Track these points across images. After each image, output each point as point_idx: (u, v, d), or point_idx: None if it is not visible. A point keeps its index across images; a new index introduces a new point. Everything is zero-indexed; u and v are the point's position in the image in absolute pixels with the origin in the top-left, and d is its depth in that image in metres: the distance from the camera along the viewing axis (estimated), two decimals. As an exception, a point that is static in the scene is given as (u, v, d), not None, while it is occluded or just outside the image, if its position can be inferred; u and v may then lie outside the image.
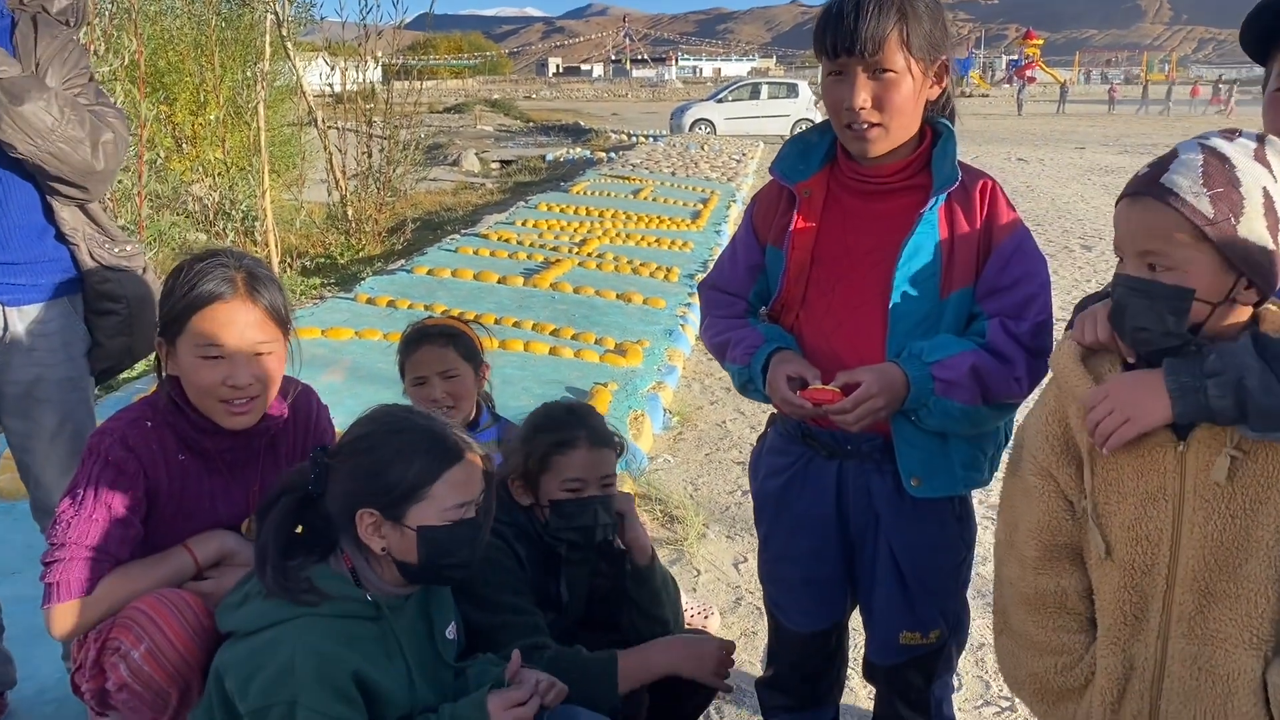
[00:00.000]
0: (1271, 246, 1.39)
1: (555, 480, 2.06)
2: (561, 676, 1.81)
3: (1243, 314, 1.44)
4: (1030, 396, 1.85)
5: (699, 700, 2.28)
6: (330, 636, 1.63)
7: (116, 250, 2.32)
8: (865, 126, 1.80)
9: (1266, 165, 1.40)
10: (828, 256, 1.94)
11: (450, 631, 1.87)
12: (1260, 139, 1.43)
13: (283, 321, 1.89)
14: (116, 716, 2.11)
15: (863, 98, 1.77)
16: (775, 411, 2.12)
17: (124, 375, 4.36)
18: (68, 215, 2.24)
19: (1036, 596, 1.62)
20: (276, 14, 9.36)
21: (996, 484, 1.96)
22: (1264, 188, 1.38)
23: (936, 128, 1.89)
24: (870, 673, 2.16)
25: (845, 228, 1.93)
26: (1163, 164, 1.43)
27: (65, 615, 1.77)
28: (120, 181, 6.58)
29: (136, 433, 1.84)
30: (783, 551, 2.11)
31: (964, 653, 2.61)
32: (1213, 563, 1.43)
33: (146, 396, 1.93)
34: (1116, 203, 1.49)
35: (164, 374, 1.89)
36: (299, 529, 1.74)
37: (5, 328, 2.21)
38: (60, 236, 2.26)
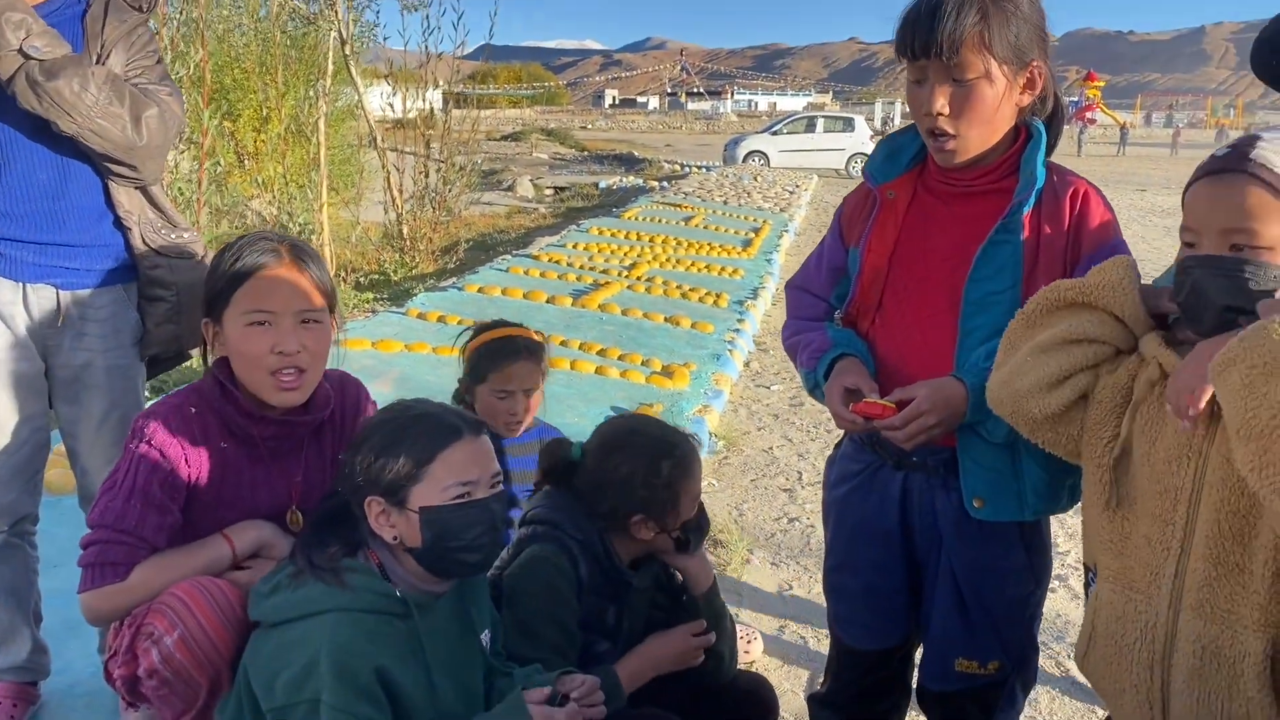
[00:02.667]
0: None
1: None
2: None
3: None
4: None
5: None
6: (356, 632, 1.59)
7: (174, 236, 2.32)
8: (945, 137, 1.73)
9: None
10: (905, 261, 1.86)
11: (485, 637, 1.82)
12: None
13: (329, 295, 1.88)
14: (147, 710, 2.08)
15: (940, 103, 1.70)
16: None
17: (175, 377, 4.39)
18: (124, 199, 2.24)
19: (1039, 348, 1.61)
20: (340, 33, 9.51)
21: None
22: None
23: (1030, 130, 1.80)
24: (924, 699, 2.07)
25: (926, 231, 1.85)
26: (1246, 144, 1.41)
27: (99, 601, 1.75)
28: (180, 191, 6.70)
29: (179, 419, 1.82)
30: (844, 560, 2.04)
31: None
32: (1226, 528, 1.39)
33: (192, 383, 1.92)
34: (1190, 184, 1.47)
35: (210, 358, 1.88)
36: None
37: (58, 310, 2.21)
38: (118, 222, 2.26)
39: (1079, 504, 1.88)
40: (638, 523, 1.95)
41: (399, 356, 5.81)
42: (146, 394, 2.47)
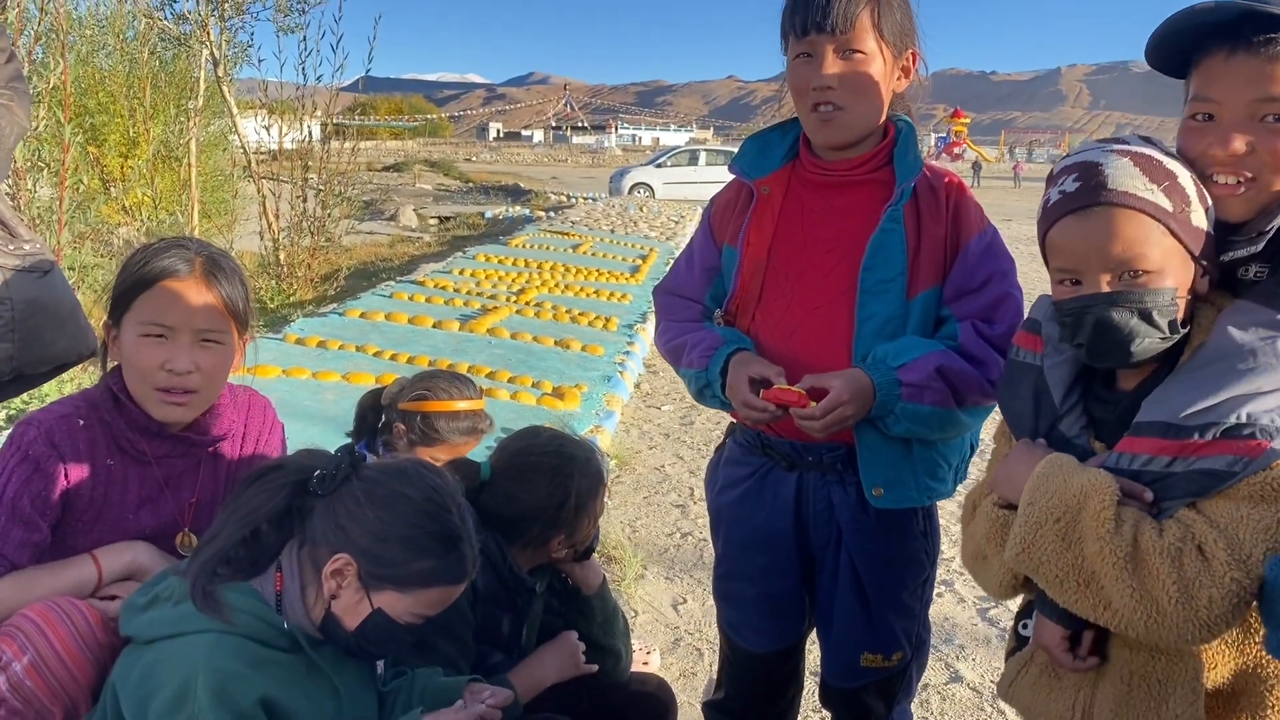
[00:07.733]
0: (1210, 231, 1.39)
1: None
2: None
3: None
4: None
5: None
6: (238, 656, 1.47)
7: (12, 247, 2.14)
8: (830, 109, 1.75)
9: (1174, 158, 1.41)
10: (785, 253, 1.86)
11: (380, 665, 1.73)
12: (1147, 140, 1.44)
13: (238, 317, 1.75)
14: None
15: (830, 76, 1.72)
16: (733, 421, 2.03)
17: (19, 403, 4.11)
18: None
19: None
20: (213, 54, 9.20)
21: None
22: (1190, 176, 1.38)
23: (898, 125, 1.84)
24: (826, 697, 2.05)
25: (805, 223, 1.86)
26: (1093, 174, 1.37)
27: None
28: (40, 216, 6.33)
29: (64, 429, 1.68)
30: (737, 568, 2.01)
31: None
32: None
33: (86, 390, 1.77)
34: (1048, 224, 1.40)
35: (107, 364, 1.75)
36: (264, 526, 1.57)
37: None
38: None
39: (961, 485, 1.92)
40: (559, 543, 1.96)
41: (276, 382, 5.59)
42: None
